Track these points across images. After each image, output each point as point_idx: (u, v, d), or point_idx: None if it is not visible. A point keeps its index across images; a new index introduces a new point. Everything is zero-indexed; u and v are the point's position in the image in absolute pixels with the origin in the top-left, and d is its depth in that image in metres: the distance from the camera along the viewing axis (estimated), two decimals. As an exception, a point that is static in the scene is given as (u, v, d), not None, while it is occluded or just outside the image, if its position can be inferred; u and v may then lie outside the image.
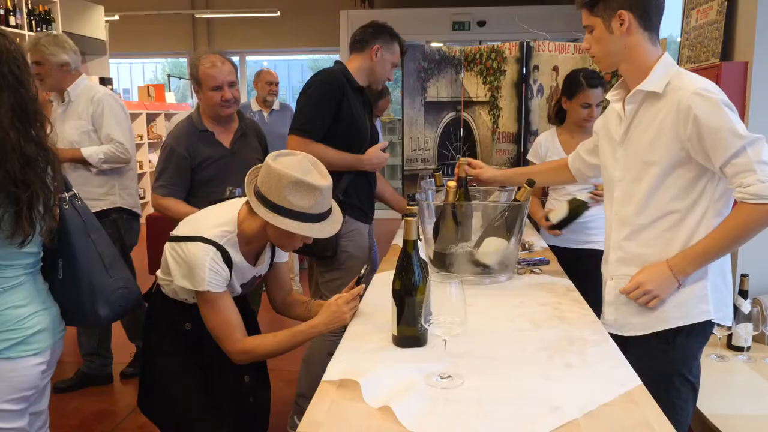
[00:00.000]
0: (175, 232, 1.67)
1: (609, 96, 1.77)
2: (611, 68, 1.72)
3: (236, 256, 1.66)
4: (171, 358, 1.75)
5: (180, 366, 1.74)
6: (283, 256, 1.90)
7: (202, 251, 1.58)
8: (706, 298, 1.63)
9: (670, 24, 3.42)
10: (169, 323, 1.76)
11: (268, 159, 1.59)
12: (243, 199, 1.72)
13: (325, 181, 1.60)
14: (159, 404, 1.78)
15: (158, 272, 1.77)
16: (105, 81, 7.53)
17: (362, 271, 1.70)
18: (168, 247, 1.67)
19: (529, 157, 3.02)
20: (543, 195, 2.99)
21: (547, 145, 2.86)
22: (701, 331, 1.66)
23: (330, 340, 2.61)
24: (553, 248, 2.62)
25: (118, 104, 3.15)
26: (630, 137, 1.69)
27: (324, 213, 1.62)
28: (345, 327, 1.64)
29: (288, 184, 1.55)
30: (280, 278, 1.91)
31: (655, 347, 1.67)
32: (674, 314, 1.64)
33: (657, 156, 1.60)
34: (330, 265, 2.54)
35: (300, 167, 1.58)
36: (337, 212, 1.70)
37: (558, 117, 2.86)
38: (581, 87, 2.70)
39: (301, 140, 2.37)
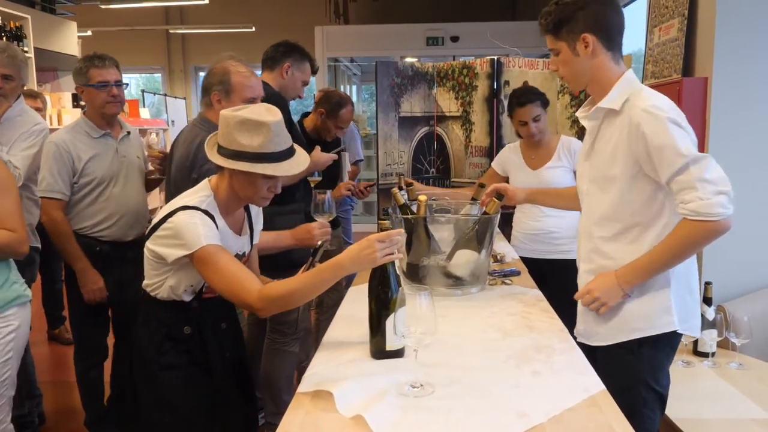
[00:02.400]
0: (149, 229, 1.64)
1: (578, 113, 1.83)
2: (581, 87, 1.77)
3: (219, 220, 1.62)
4: (173, 372, 1.67)
5: (183, 378, 1.67)
6: (256, 236, 1.85)
7: (189, 214, 1.55)
8: (670, 310, 1.67)
9: (638, 39, 3.54)
10: (165, 333, 1.68)
11: (223, 111, 1.60)
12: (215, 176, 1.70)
13: (273, 117, 1.55)
14: (161, 423, 1.70)
15: (144, 283, 1.71)
16: (77, 97, 7.49)
17: (318, 243, 1.65)
18: (149, 242, 1.63)
19: (493, 164, 3.16)
20: (511, 207, 3.05)
21: (508, 154, 3.04)
22: (667, 342, 1.70)
23: (289, 352, 2.64)
24: (524, 260, 2.68)
25: None
26: (594, 152, 1.75)
27: (282, 152, 1.58)
28: (302, 332, 1.63)
29: (235, 125, 1.54)
30: (250, 261, 1.85)
31: (620, 357, 1.71)
32: (639, 325, 1.69)
33: (617, 170, 1.66)
34: None
35: (250, 110, 1.57)
36: (302, 155, 1.66)
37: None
38: (513, 106, 2.88)
39: None
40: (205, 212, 1.57)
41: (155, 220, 1.63)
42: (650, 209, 1.65)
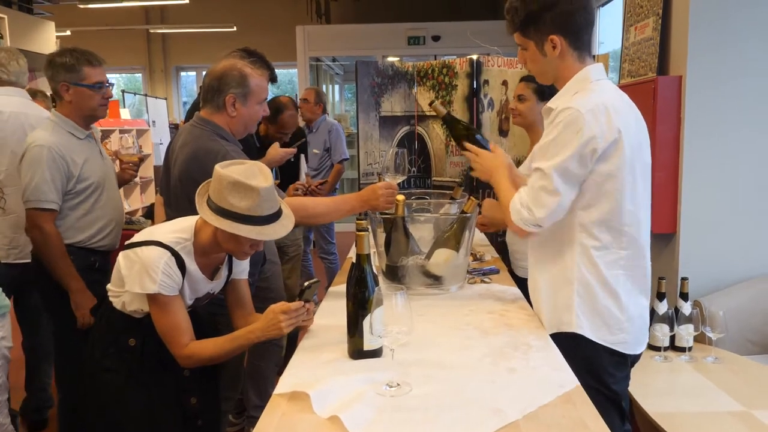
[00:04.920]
0: (130, 242, 1.67)
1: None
2: (547, 83, 1.77)
3: (191, 265, 1.66)
4: (111, 374, 1.71)
5: (120, 383, 1.71)
6: (241, 273, 1.86)
7: (157, 254, 1.59)
8: (571, 309, 1.64)
9: (615, 38, 3.57)
10: (113, 338, 1.73)
11: (218, 165, 1.62)
12: None
13: (265, 183, 1.59)
14: (95, 422, 1.75)
15: (108, 285, 1.75)
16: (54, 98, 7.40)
17: (305, 283, 1.66)
18: (121, 255, 1.67)
19: None
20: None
21: None
22: (606, 350, 1.65)
23: (278, 345, 2.64)
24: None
25: None
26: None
27: (269, 216, 1.62)
28: (295, 336, 1.66)
29: (227, 185, 1.57)
30: (240, 296, 1.87)
31: (564, 351, 1.60)
32: (548, 319, 1.72)
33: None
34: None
35: (244, 171, 1.60)
36: (287, 218, 1.69)
37: None
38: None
39: None
40: (177, 255, 1.62)
41: (136, 236, 1.67)
42: (557, 224, 1.63)
